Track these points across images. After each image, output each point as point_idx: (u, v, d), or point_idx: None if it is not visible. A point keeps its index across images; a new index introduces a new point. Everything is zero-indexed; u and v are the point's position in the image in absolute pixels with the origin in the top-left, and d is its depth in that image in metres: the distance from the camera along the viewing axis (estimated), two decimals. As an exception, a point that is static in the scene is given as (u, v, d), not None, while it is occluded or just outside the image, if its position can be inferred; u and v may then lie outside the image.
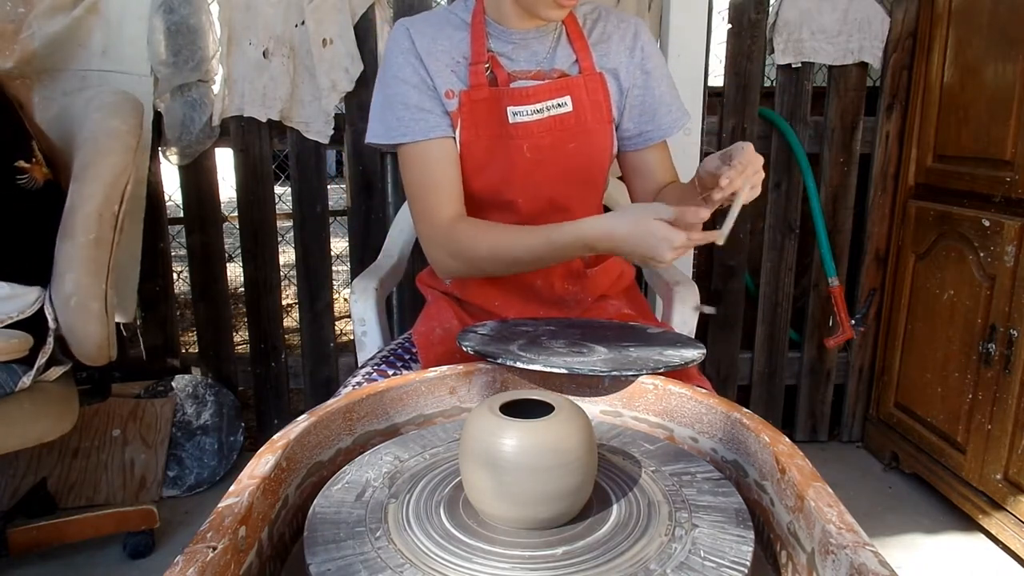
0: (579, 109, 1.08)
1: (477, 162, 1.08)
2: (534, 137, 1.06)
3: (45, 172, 1.31)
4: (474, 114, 1.06)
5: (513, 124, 1.06)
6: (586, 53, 1.09)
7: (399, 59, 1.06)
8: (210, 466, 1.89)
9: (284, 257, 2.04)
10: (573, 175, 1.10)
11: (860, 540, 0.52)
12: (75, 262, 1.23)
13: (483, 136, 1.06)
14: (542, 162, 1.07)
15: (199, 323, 1.99)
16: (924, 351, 1.84)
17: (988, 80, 1.61)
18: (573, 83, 1.07)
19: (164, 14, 1.71)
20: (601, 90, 1.09)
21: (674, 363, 0.84)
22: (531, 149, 1.07)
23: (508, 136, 1.06)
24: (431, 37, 1.07)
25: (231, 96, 1.78)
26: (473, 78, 1.06)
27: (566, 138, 1.08)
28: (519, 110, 1.06)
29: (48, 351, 1.25)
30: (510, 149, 1.07)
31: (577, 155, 1.09)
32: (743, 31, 1.88)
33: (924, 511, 1.79)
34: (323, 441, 0.73)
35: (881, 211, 2.00)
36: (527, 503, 0.59)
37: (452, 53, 1.07)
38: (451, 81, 1.06)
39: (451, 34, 1.08)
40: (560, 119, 1.07)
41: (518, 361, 0.82)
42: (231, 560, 0.53)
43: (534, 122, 1.06)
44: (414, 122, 1.04)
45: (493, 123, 1.06)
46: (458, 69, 1.06)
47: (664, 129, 1.13)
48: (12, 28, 1.62)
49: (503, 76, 1.07)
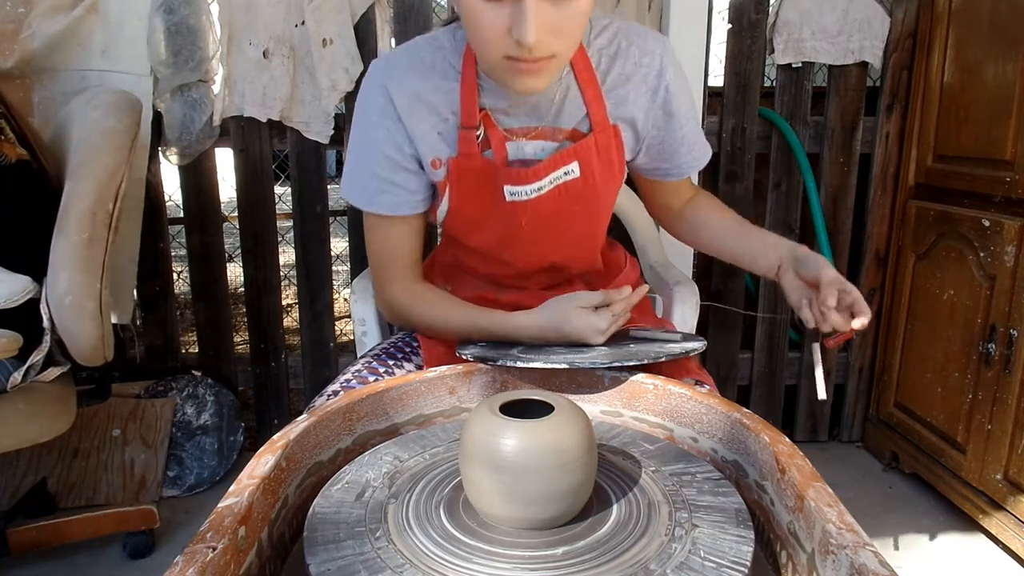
0: (587, 172, 0.95)
1: (469, 224, 1.00)
2: (534, 210, 0.96)
3: (19, 152, 1.29)
4: (463, 184, 0.95)
5: (510, 202, 0.95)
6: (599, 104, 0.94)
7: (373, 118, 0.94)
8: (210, 466, 1.88)
9: (284, 257, 2.04)
10: (576, 237, 1.03)
11: (860, 540, 0.52)
12: (69, 260, 1.23)
13: (475, 205, 0.97)
14: (542, 231, 0.98)
15: (199, 323, 1.99)
16: (924, 351, 1.83)
17: (988, 80, 1.61)
18: (582, 147, 0.94)
19: (164, 14, 1.71)
20: (615, 147, 0.96)
21: (675, 352, 0.84)
22: (530, 221, 0.97)
23: (503, 210, 0.96)
24: (414, 93, 0.92)
25: (231, 96, 1.78)
26: (463, 145, 0.93)
27: (570, 202, 0.97)
28: (517, 190, 0.94)
29: (44, 350, 1.24)
30: (506, 221, 0.97)
31: (582, 216, 0.99)
32: (743, 31, 1.88)
33: (924, 511, 1.79)
34: (323, 441, 0.73)
35: (881, 211, 2.00)
36: (527, 503, 0.58)
37: (439, 110, 0.93)
38: (437, 147, 0.94)
39: (439, 85, 0.92)
40: (564, 186, 0.95)
41: (517, 361, 0.82)
42: (231, 560, 0.53)
43: (535, 199, 0.95)
44: (380, 194, 0.96)
45: (485, 195, 0.95)
46: (446, 129, 0.93)
47: (682, 168, 1.05)
48: (12, 28, 1.62)
49: (497, 137, 0.94)
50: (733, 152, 1.95)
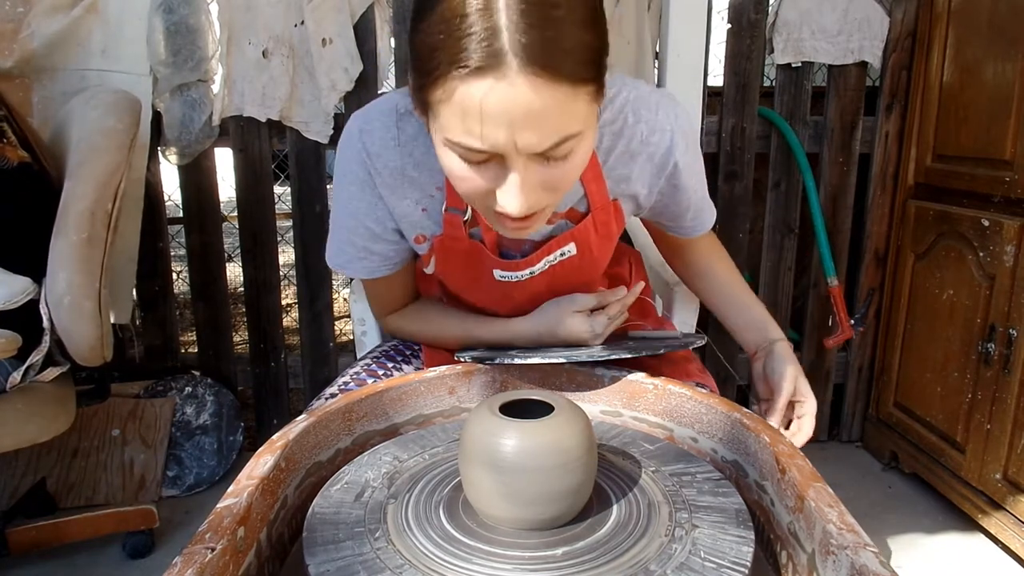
0: (584, 250, 0.90)
1: (459, 289, 0.97)
2: (527, 289, 0.92)
3: (20, 154, 1.29)
4: (450, 262, 0.91)
5: (501, 282, 0.91)
6: (599, 184, 0.86)
7: (353, 189, 0.87)
8: (209, 466, 1.88)
9: (284, 257, 2.04)
10: None
11: (861, 541, 0.52)
12: (68, 261, 1.22)
13: (464, 278, 0.94)
14: (536, 302, 0.94)
15: (198, 323, 1.99)
16: (923, 351, 1.83)
17: (987, 80, 1.60)
18: (579, 230, 0.88)
19: (163, 14, 1.71)
20: (614, 220, 0.90)
21: (676, 344, 0.84)
22: (522, 294, 0.93)
23: (494, 286, 0.92)
24: (396, 169, 0.84)
25: (230, 96, 1.78)
26: (448, 228, 0.87)
27: (567, 277, 0.92)
28: (507, 275, 0.90)
29: (43, 350, 1.24)
30: (496, 293, 0.94)
31: (577, 284, 0.94)
32: (743, 31, 1.88)
33: (924, 511, 1.79)
34: (322, 441, 0.73)
35: (880, 211, 2.00)
36: (527, 503, 0.58)
37: (424, 186, 0.86)
38: (422, 224, 0.89)
39: (422, 161, 0.84)
40: (560, 264, 0.90)
41: (515, 359, 0.82)
42: (230, 561, 0.53)
43: (526, 280, 0.91)
44: (361, 261, 0.93)
45: (473, 272, 0.91)
46: (431, 206, 0.87)
47: (686, 230, 1.00)
48: (11, 28, 1.62)
49: (491, 240, 0.88)
50: (732, 152, 1.95)
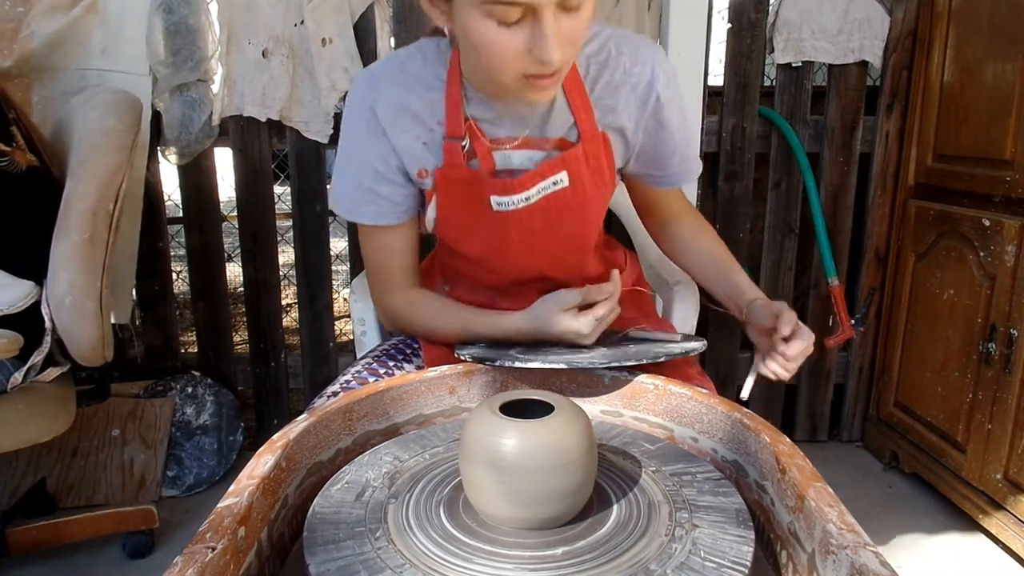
0: (576, 182, 0.94)
1: (458, 233, 1.00)
2: (523, 222, 0.95)
3: (29, 158, 1.30)
4: (450, 195, 0.95)
5: (497, 212, 0.94)
6: (587, 113, 0.92)
7: (358, 132, 0.94)
8: (209, 466, 1.88)
9: (284, 257, 2.04)
10: (568, 245, 1.02)
11: (861, 540, 0.52)
12: (70, 261, 1.23)
13: (463, 214, 0.96)
14: (532, 242, 0.98)
15: (198, 323, 1.99)
16: (924, 351, 1.83)
17: (988, 80, 1.60)
18: (570, 157, 0.92)
19: (163, 13, 1.71)
20: (604, 154, 0.94)
21: (675, 352, 0.84)
22: (519, 232, 0.96)
23: (492, 221, 0.95)
24: (398, 105, 0.92)
25: (230, 96, 1.78)
26: (448, 156, 0.92)
27: (561, 213, 0.96)
28: (504, 200, 0.93)
29: (44, 351, 1.24)
30: (494, 232, 0.97)
31: (572, 225, 0.98)
32: (743, 30, 1.88)
33: (924, 511, 1.79)
34: (323, 441, 0.73)
35: (881, 211, 2.00)
36: (527, 503, 0.58)
37: (425, 120, 0.92)
38: (423, 158, 0.94)
39: (423, 96, 0.92)
40: (554, 196, 0.94)
41: (516, 362, 0.82)
42: (230, 560, 0.53)
43: (522, 209, 0.94)
44: (368, 204, 0.97)
45: (472, 205, 0.95)
46: (432, 139, 0.93)
47: (672, 179, 1.03)
48: (11, 27, 1.62)
49: (483, 147, 0.92)
50: (733, 151, 1.95)
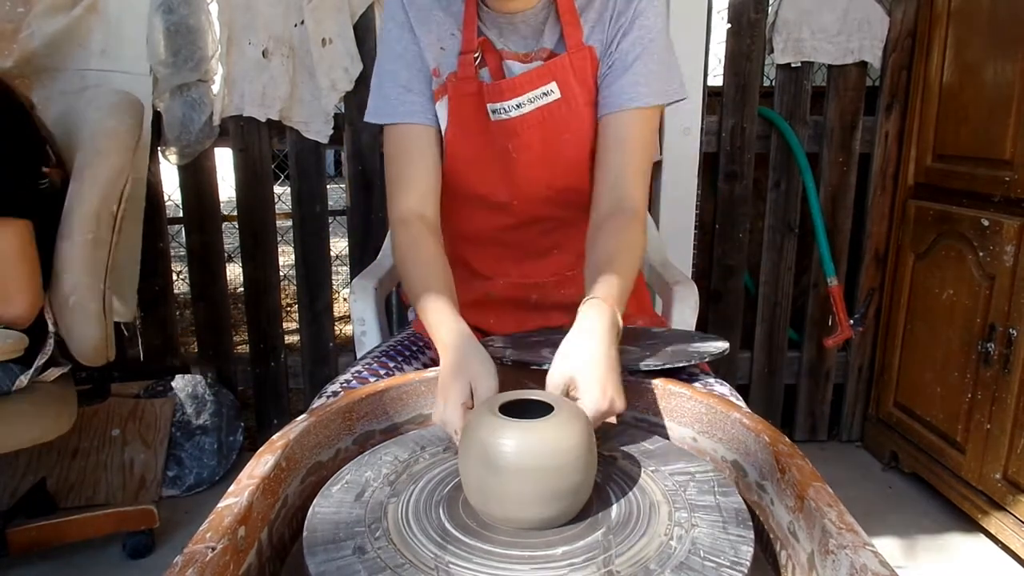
0: (568, 94, 0.96)
1: (465, 160, 1.02)
2: (520, 136, 0.98)
3: (61, 173, 1.30)
4: (460, 111, 0.99)
5: (496, 122, 0.98)
6: (574, 28, 0.96)
7: (394, 32, 1.01)
8: (209, 466, 1.88)
9: (284, 257, 2.04)
10: (572, 169, 1.01)
11: (860, 540, 0.52)
12: (73, 262, 1.23)
13: (468, 134, 1.00)
14: (532, 162, 1.00)
15: (199, 323, 1.99)
16: (923, 351, 1.84)
17: (987, 80, 1.61)
18: (557, 65, 0.96)
19: (163, 14, 1.71)
20: (590, 67, 0.97)
21: (713, 353, 0.87)
22: (517, 149, 0.99)
23: (492, 136, 0.99)
24: (426, 8, 0.99)
25: (230, 96, 1.78)
26: (462, 68, 0.98)
27: (558, 129, 0.98)
28: (498, 107, 0.97)
29: (48, 352, 1.25)
30: (495, 150, 1.00)
31: (573, 146, 0.99)
32: (743, 31, 1.88)
33: (924, 511, 1.79)
34: (323, 441, 0.73)
35: (880, 211, 2.00)
36: (527, 504, 0.58)
37: (445, 24, 0.99)
38: (439, 57, 1.00)
39: (447, 5, 0.99)
40: (548, 110, 0.97)
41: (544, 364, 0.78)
42: (230, 560, 0.53)
43: (517, 119, 0.98)
44: (399, 103, 1.00)
45: (477, 122, 1.00)
46: (448, 45, 0.99)
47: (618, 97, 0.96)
48: (11, 27, 1.62)
49: (494, 61, 0.98)
50: (732, 152, 1.95)
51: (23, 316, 1.20)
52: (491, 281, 1.11)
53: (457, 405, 0.71)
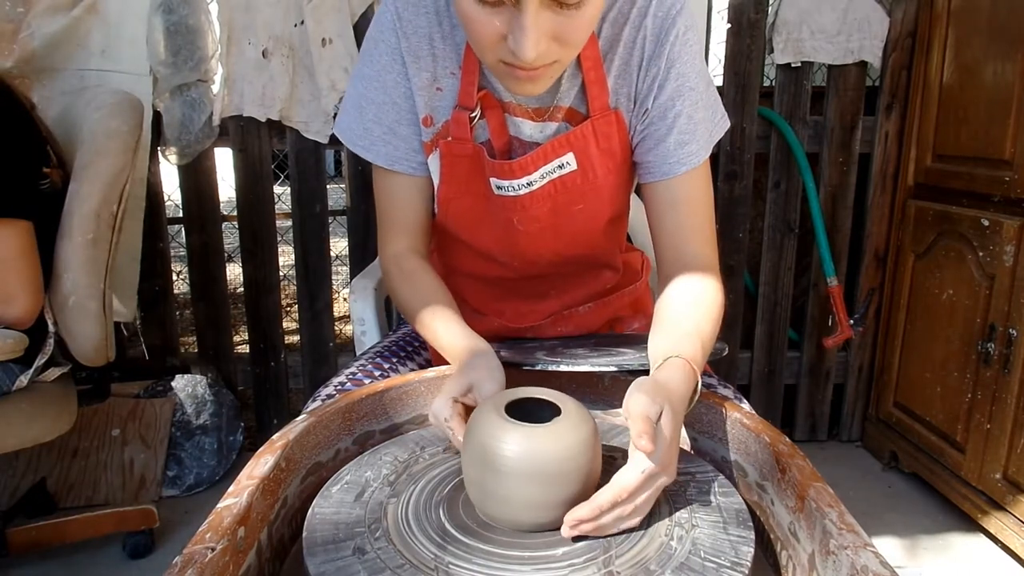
0: (586, 164, 0.85)
1: (462, 221, 0.93)
2: (527, 210, 0.87)
3: (61, 174, 1.31)
4: (455, 173, 0.88)
5: (498, 196, 0.87)
6: (599, 87, 0.83)
7: (383, 58, 0.86)
8: (209, 466, 1.88)
9: (284, 257, 2.04)
10: (582, 240, 0.93)
11: (861, 540, 0.52)
12: (73, 262, 1.23)
13: (465, 195, 0.90)
14: (539, 233, 0.90)
15: (199, 323, 1.99)
16: (923, 351, 1.84)
17: (987, 80, 1.61)
18: (577, 135, 0.84)
19: (163, 14, 1.71)
20: (616, 132, 0.85)
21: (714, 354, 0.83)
22: (523, 222, 0.88)
23: (494, 205, 0.88)
24: (426, 35, 0.84)
25: (230, 96, 1.78)
26: (456, 128, 0.85)
27: (571, 200, 0.87)
28: (504, 185, 0.86)
29: (48, 352, 1.25)
30: (498, 219, 0.90)
31: (585, 217, 0.90)
32: (742, 31, 1.88)
33: (924, 511, 1.79)
34: (322, 441, 0.73)
35: (880, 211, 2.00)
36: (526, 508, 0.58)
37: (444, 58, 0.85)
38: (433, 101, 0.87)
39: (448, 34, 0.84)
40: (561, 181, 0.86)
41: (560, 364, 0.78)
42: (230, 561, 0.53)
43: (525, 195, 0.86)
44: (383, 143, 0.89)
45: (475, 184, 0.88)
46: (446, 85, 0.86)
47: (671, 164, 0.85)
48: (11, 28, 1.62)
49: (496, 119, 0.85)
50: (732, 152, 1.95)
51: (24, 317, 1.20)
52: (486, 318, 1.05)
53: (447, 397, 0.71)
